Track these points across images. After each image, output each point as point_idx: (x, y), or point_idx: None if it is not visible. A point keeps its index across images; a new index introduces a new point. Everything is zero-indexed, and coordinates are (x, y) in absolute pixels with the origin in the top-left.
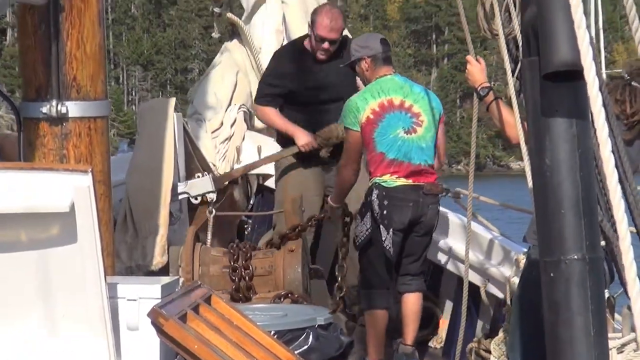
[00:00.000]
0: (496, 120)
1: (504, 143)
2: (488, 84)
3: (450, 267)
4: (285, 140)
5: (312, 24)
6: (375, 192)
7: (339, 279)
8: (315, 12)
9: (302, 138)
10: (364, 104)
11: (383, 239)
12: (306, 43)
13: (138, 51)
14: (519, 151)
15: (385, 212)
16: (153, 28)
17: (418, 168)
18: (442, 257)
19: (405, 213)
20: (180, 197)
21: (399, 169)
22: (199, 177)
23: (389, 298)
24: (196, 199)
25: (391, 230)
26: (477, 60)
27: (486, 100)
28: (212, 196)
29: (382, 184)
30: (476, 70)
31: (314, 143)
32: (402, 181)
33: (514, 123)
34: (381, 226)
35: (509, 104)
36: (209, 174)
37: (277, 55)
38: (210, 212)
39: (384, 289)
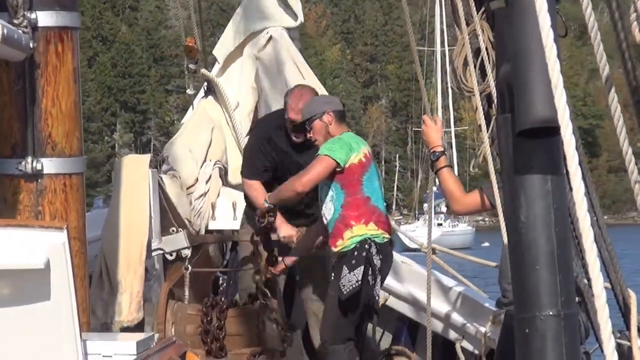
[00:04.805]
0: (443, 188)
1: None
2: (441, 148)
3: (425, 322)
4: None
5: (284, 107)
6: (374, 247)
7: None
8: (286, 94)
9: (284, 230)
10: (358, 147)
11: (376, 294)
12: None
13: None
14: None
15: (381, 267)
16: None
17: (386, 216)
18: (416, 313)
19: (389, 269)
20: (154, 253)
21: (380, 217)
22: (173, 232)
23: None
24: (171, 254)
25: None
26: (433, 119)
27: (436, 165)
28: (187, 252)
29: (375, 239)
30: (432, 131)
31: (294, 238)
32: (387, 237)
33: (458, 196)
34: (377, 280)
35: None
36: (183, 229)
37: (259, 127)
38: (186, 269)
39: (354, 344)
